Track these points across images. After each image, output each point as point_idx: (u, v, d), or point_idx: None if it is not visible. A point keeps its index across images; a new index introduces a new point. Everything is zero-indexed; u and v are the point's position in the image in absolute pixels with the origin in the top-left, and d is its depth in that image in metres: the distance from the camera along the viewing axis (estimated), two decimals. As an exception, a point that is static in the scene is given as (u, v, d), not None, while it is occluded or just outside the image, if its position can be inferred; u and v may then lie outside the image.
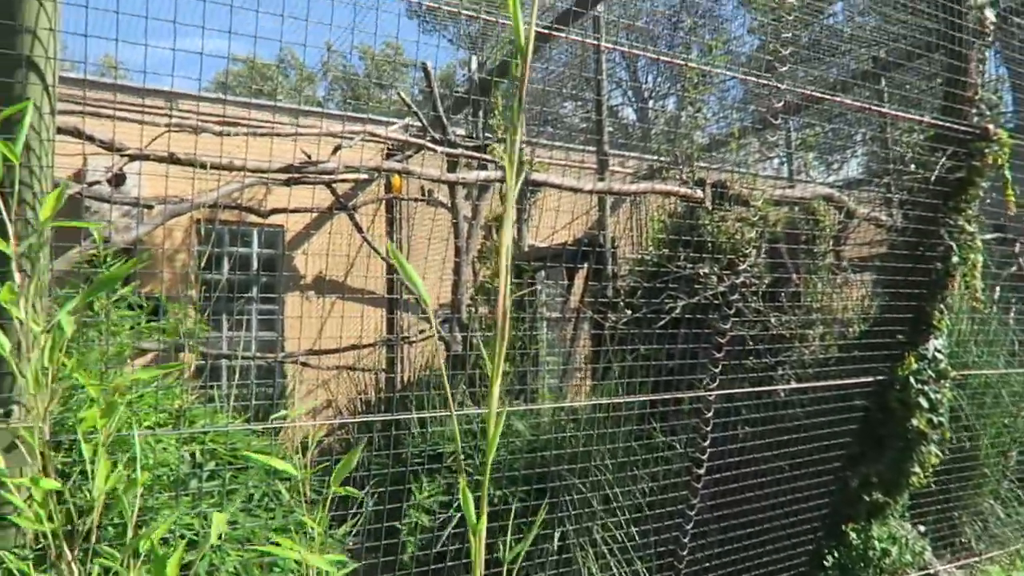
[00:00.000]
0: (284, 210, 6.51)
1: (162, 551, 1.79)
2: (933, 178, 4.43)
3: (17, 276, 1.74)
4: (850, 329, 4.92)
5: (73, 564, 1.92)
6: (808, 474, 4.24)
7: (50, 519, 1.81)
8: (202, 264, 6.52)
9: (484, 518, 1.08)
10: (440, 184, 6.99)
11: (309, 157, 4.52)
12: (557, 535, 4.00)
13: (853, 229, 5.58)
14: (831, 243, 5.27)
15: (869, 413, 4.43)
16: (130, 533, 1.93)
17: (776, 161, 6.85)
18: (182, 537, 2.64)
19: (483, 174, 4.60)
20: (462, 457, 4.28)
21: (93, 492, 1.89)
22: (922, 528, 4.79)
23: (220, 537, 2.68)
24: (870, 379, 4.38)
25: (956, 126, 4.43)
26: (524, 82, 1.16)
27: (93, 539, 1.98)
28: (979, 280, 4.51)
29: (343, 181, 6.86)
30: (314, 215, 7.80)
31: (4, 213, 1.78)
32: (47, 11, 2.04)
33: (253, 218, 6.95)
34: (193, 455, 3.03)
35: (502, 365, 1.13)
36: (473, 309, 6.09)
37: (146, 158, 3.65)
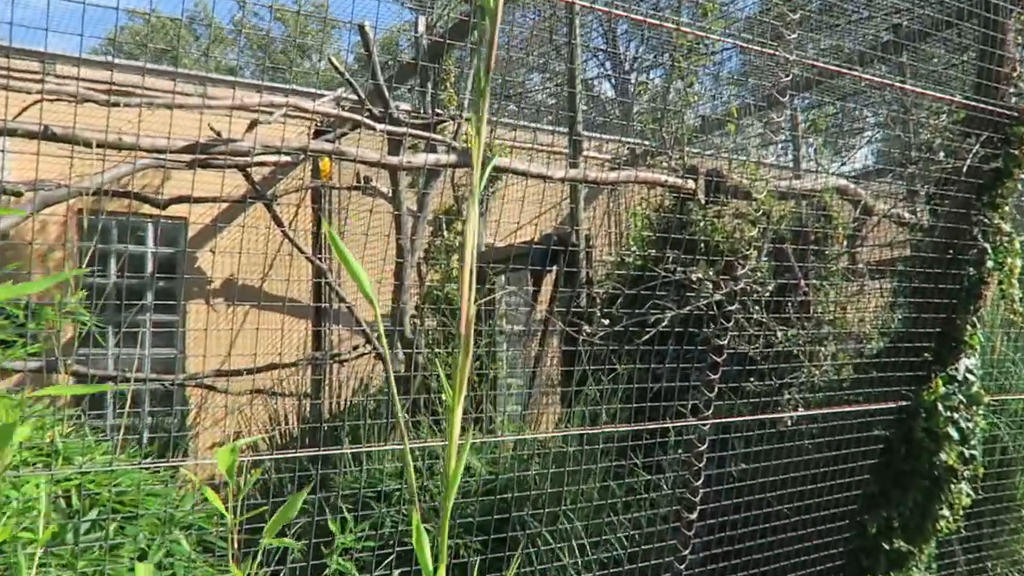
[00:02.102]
0: (187, 199, 6.38)
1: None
2: (964, 168, 4.52)
3: None
4: (868, 346, 4.99)
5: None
6: (819, 519, 4.28)
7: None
8: (83, 264, 6.36)
9: (443, 566, 1.05)
10: (380, 169, 6.93)
11: (219, 135, 4.44)
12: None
13: (871, 228, 5.67)
14: (845, 244, 5.34)
15: (890, 445, 4.48)
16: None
17: (781, 147, 6.94)
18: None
19: (432, 157, 4.57)
20: (408, 498, 4.23)
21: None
22: (951, 582, 4.87)
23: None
24: (891, 405, 4.43)
25: (991, 107, 4.53)
26: (494, 44, 1.13)
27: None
28: (1017, 288, 4.60)
29: (260, 165, 6.76)
30: (224, 206, 7.68)
31: None
32: None
33: (148, 208, 6.81)
34: (68, 499, 2.94)
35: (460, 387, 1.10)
36: (418, 321, 6.04)
37: (13, 133, 3.54)
